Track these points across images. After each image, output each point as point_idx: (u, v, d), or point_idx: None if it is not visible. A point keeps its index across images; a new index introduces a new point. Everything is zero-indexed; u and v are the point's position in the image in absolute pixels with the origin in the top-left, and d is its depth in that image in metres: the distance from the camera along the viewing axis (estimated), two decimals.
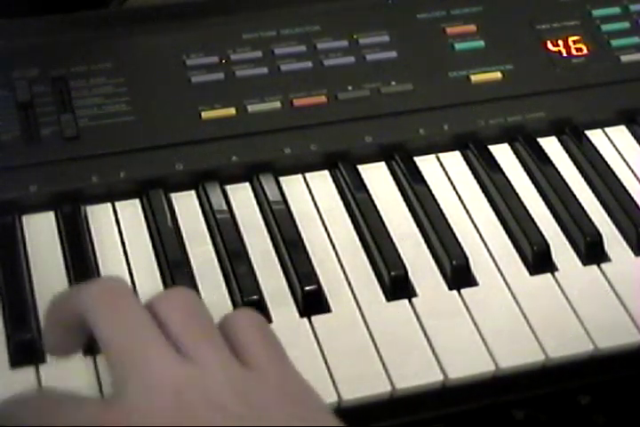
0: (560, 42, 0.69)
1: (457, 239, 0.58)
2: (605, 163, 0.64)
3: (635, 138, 0.66)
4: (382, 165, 0.63)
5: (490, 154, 0.64)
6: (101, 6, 0.72)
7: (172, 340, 0.40)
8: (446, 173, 0.63)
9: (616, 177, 0.63)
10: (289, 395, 0.40)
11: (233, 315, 0.44)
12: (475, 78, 0.66)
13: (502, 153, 0.65)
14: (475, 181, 0.63)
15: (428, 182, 0.62)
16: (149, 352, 0.39)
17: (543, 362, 0.53)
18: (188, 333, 0.40)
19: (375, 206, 0.60)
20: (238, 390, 0.39)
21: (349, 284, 0.56)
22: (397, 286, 0.55)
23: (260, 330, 0.43)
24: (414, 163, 0.63)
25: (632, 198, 0.61)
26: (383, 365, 0.51)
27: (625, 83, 0.68)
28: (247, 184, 0.61)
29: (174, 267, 0.55)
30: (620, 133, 0.67)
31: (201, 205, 0.60)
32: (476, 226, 0.60)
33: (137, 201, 0.59)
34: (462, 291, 0.56)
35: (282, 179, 0.61)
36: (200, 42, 0.65)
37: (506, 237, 0.59)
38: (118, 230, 0.58)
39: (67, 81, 0.62)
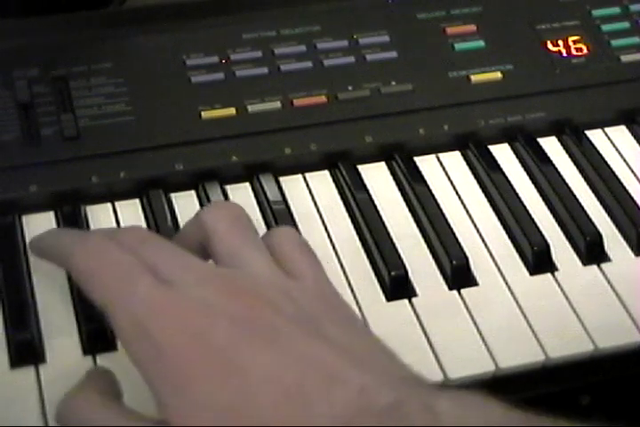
0: (560, 42, 0.69)
1: (457, 239, 0.58)
2: (605, 163, 0.64)
3: (635, 138, 0.66)
4: (382, 165, 0.63)
5: (490, 154, 0.64)
6: (101, 6, 0.72)
7: (220, 250, 0.44)
8: (446, 173, 0.63)
9: (616, 177, 0.63)
10: (328, 301, 0.43)
11: (275, 229, 0.48)
12: (475, 78, 0.66)
13: (502, 153, 0.65)
14: (475, 181, 0.63)
15: (428, 182, 0.62)
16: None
17: (543, 362, 0.53)
18: (235, 240, 0.44)
19: (375, 206, 0.59)
20: (285, 292, 0.41)
21: (349, 284, 0.56)
22: (397, 286, 0.55)
23: (299, 242, 0.46)
24: (414, 163, 0.63)
25: (632, 198, 0.61)
26: None
27: (625, 83, 0.68)
28: (247, 184, 0.61)
29: None
30: (620, 133, 0.67)
31: (201, 205, 0.60)
32: (476, 226, 0.60)
33: (137, 201, 0.59)
34: (462, 291, 0.56)
35: (282, 179, 0.61)
36: (200, 42, 0.65)
37: (506, 237, 0.59)
38: None
39: (67, 81, 0.62)
